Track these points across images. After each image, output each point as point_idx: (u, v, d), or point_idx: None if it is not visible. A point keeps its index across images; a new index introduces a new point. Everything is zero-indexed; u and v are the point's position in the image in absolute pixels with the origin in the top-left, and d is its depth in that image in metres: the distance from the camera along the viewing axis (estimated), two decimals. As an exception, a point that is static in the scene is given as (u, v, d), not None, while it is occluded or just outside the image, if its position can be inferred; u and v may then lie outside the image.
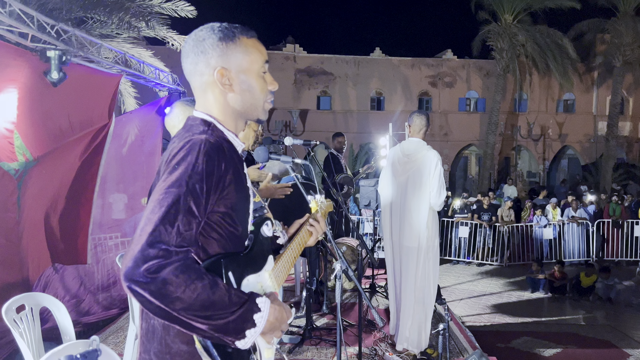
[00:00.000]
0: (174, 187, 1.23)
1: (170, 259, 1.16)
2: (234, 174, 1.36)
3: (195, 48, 1.41)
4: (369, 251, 3.85)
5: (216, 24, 1.43)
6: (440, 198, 4.06)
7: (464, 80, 24.13)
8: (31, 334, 2.66)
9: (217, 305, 1.20)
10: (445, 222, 12.30)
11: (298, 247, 1.72)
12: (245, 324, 1.26)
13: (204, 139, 1.31)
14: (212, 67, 1.41)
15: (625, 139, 23.74)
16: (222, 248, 1.36)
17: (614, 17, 20.91)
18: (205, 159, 1.28)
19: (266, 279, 1.46)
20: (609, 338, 7.04)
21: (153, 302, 1.15)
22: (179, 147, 1.31)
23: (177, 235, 1.20)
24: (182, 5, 8.13)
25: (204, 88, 1.44)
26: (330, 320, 5.06)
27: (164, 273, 1.15)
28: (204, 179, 1.26)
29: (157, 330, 1.36)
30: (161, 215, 1.20)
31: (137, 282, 1.14)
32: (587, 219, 12.40)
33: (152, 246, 1.16)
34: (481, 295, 9.21)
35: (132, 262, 1.15)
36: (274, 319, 1.34)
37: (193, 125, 1.41)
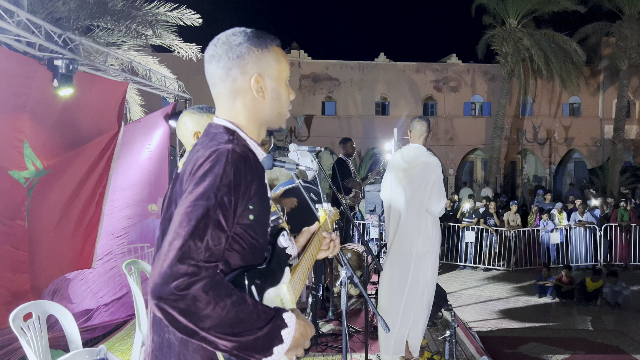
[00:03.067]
0: (202, 200, 1.19)
1: (200, 275, 1.12)
2: (258, 184, 1.31)
3: (230, 52, 1.36)
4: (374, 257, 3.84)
5: (248, 29, 1.40)
6: (439, 205, 4.04)
7: (469, 84, 24.10)
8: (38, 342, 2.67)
9: (246, 322, 1.16)
10: (452, 227, 12.26)
11: (311, 258, 1.67)
12: (273, 340, 1.22)
13: (230, 149, 1.26)
14: (248, 73, 1.37)
15: (632, 142, 23.60)
16: (243, 260, 1.32)
17: (619, 20, 20.85)
18: (233, 169, 1.23)
19: (284, 292, 1.42)
20: (617, 344, 6.97)
21: (181, 320, 1.11)
22: (205, 156, 1.26)
23: (205, 250, 1.16)
24: (188, 14, 8.20)
25: (234, 94, 1.39)
26: (336, 327, 5.05)
27: (193, 290, 1.10)
28: (232, 191, 1.22)
29: (174, 345, 1.31)
30: (190, 230, 1.15)
31: (166, 300, 1.10)
32: (595, 223, 12.32)
33: (182, 262, 1.12)
34: (488, 301, 9.16)
35: (160, 278, 1.11)
36: (299, 334, 1.30)
37: (217, 134, 1.35)
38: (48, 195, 4.50)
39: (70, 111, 4.69)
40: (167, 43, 8.66)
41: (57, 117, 4.57)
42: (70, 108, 4.66)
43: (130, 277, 3.71)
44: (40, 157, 4.33)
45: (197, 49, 8.81)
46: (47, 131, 4.44)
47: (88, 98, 4.93)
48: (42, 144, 4.35)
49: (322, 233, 1.77)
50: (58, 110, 4.54)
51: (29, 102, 4.19)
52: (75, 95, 4.50)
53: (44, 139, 4.39)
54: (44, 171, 4.36)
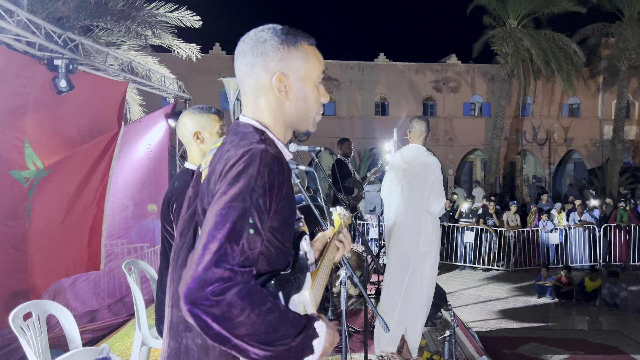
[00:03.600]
0: (238, 202, 1.14)
1: (235, 280, 1.07)
2: (288, 186, 1.27)
3: (255, 49, 1.32)
4: (374, 257, 3.84)
5: (278, 25, 1.36)
6: (438, 205, 4.04)
7: (469, 85, 24.12)
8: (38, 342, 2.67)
9: (280, 330, 1.12)
10: (451, 227, 12.27)
11: (330, 263, 1.63)
12: (305, 350, 1.17)
13: (263, 149, 1.22)
14: (271, 71, 1.32)
15: (632, 142, 23.63)
16: (269, 265, 1.27)
17: (619, 21, 20.87)
18: (267, 170, 1.19)
19: (307, 298, 1.37)
20: (616, 344, 6.98)
21: (214, 327, 1.06)
22: (237, 156, 1.20)
23: (241, 254, 1.11)
24: (188, 15, 8.20)
25: (258, 92, 1.35)
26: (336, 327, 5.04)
27: (229, 296, 1.06)
28: (267, 192, 1.18)
29: (193, 352, 1.27)
30: (226, 232, 1.11)
31: (200, 305, 1.05)
32: (594, 223, 12.33)
33: (218, 266, 1.07)
34: (487, 301, 9.17)
35: (195, 282, 1.06)
36: (328, 344, 1.25)
37: (247, 133, 1.31)
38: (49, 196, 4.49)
39: (71, 111, 4.69)
40: (167, 43, 8.66)
41: (58, 117, 4.57)
42: (70, 108, 4.66)
43: (130, 277, 3.71)
44: (41, 157, 4.32)
45: (197, 49, 8.81)
46: (48, 131, 4.44)
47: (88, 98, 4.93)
48: (43, 143, 4.35)
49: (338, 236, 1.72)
50: (59, 110, 4.54)
51: (30, 101, 4.19)
52: (75, 95, 4.50)
53: (45, 138, 4.39)
54: (44, 171, 4.35)
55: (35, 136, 4.26)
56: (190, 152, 2.59)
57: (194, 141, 2.54)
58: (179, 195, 2.34)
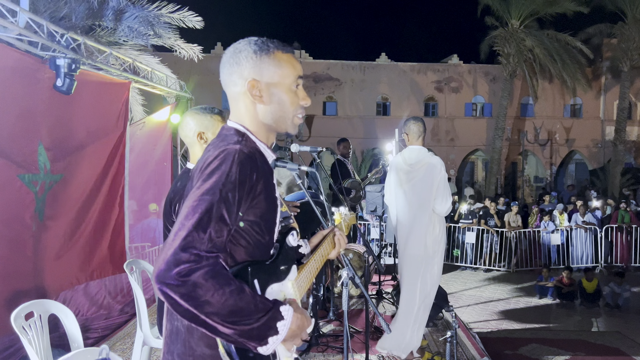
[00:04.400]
0: (208, 195, 1.28)
1: (201, 263, 1.20)
2: (264, 184, 1.40)
3: (232, 59, 1.47)
4: (375, 257, 3.84)
5: (254, 37, 1.50)
6: (446, 205, 4.05)
7: (470, 85, 24.10)
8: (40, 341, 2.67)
9: (244, 311, 1.24)
10: (452, 228, 12.26)
11: (321, 258, 1.74)
12: (268, 331, 1.29)
13: (238, 149, 1.36)
14: (245, 78, 1.47)
15: (634, 143, 23.59)
16: (249, 255, 1.41)
17: (621, 21, 20.84)
18: (239, 168, 1.33)
19: (289, 288, 1.49)
20: (618, 345, 6.97)
21: (182, 304, 1.19)
22: (214, 155, 1.36)
23: (208, 241, 1.24)
24: (190, 16, 8.20)
25: (237, 98, 1.50)
26: (337, 327, 5.05)
27: (194, 277, 1.18)
28: (237, 187, 1.31)
29: (181, 332, 1.40)
30: (195, 222, 1.24)
31: (168, 285, 1.18)
32: (595, 224, 12.32)
33: (185, 250, 1.20)
34: (489, 302, 9.16)
35: (164, 264, 1.19)
36: (295, 327, 1.37)
37: (227, 135, 1.46)
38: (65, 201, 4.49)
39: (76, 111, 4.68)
40: (169, 44, 8.66)
41: (66, 117, 4.56)
42: (76, 108, 4.66)
43: (132, 277, 3.71)
44: (52, 159, 4.31)
45: (199, 49, 8.81)
46: (59, 132, 4.43)
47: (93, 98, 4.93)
48: (54, 145, 4.34)
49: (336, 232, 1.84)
50: (65, 111, 4.53)
51: (41, 103, 4.18)
52: (81, 95, 4.50)
53: (57, 140, 4.37)
54: (52, 175, 4.33)
55: (49, 138, 4.25)
56: (193, 152, 2.59)
57: (197, 141, 2.54)
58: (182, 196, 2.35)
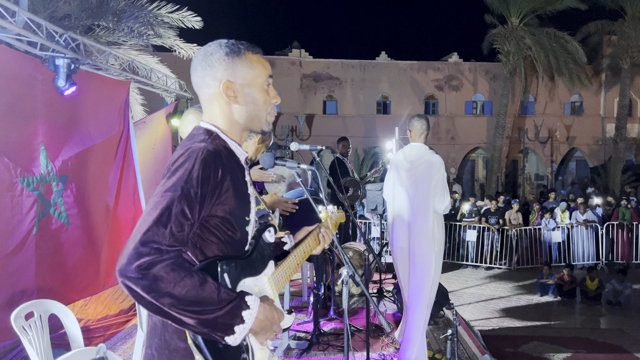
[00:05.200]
0: (170, 191, 1.32)
1: (162, 257, 1.23)
2: (232, 180, 1.43)
3: (204, 62, 1.50)
4: (376, 256, 3.83)
5: (223, 40, 1.53)
6: (444, 203, 4.05)
7: (471, 83, 24.08)
8: (40, 341, 2.67)
9: (206, 301, 1.26)
10: (453, 225, 12.25)
11: (302, 254, 1.76)
12: (234, 319, 1.31)
13: (202, 147, 1.40)
14: (219, 79, 1.49)
15: (634, 140, 23.56)
16: (221, 251, 1.43)
17: (621, 18, 20.80)
18: (202, 165, 1.36)
19: (264, 283, 1.52)
20: (619, 342, 6.97)
21: (145, 297, 1.22)
22: (179, 154, 1.40)
23: (170, 235, 1.27)
24: (189, 16, 8.20)
25: (211, 100, 1.52)
26: (338, 326, 5.04)
27: (154, 270, 1.22)
28: (200, 184, 1.34)
29: (157, 327, 1.43)
30: (155, 217, 1.28)
31: (129, 278, 1.21)
32: (596, 221, 12.31)
33: (145, 245, 1.23)
34: (490, 300, 9.16)
35: (125, 259, 1.23)
36: (263, 317, 1.38)
37: (196, 135, 1.50)
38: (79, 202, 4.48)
39: (77, 111, 4.67)
40: (169, 44, 8.66)
41: (67, 117, 4.53)
42: (76, 108, 4.64)
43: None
44: (53, 160, 4.30)
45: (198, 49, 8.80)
46: (60, 133, 4.40)
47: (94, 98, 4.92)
48: (56, 146, 4.32)
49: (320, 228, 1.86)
50: (66, 111, 4.51)
51: (41, 103, 4.16)
52: (81, 95, 4.49)
53: (58, 141, 4.35)
54: (56, 176, 4.31)
55: (50, 139, 4.22)
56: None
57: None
58: None
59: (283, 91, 23.39)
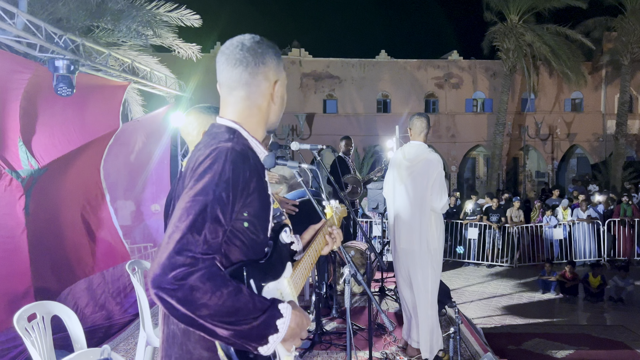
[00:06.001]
0: (201, 195, 1.25)
1: (197, 266, 1.18)
2: (257, 181, 1.37)
3: (257, 59, 1.44)
4: (377, 254, 3.83)
5: (262, 37, 1.49)
6: (441, 202, 4.03)
7: (471, 81, 24.06)
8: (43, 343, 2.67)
9: (242, 311, 1.22)
10: (454, 223, 12.25)
11: (315, 254, 1.72)
12: (268, 329, 1.27)
13: (230, 147, 1.33)
14: (270, 79, 1.47)
15: (635, 137, 23.54)
16: (244, 255, 1.38)
17: (620, 14, 20.77)
18: (231, 167, 1.30)
19: (285, 286, 1.47)
20: (621, 339, 6.96)
21: (179, 309, 1.16)
22: (205, 154, 1.33)
23: (203, 243, 1.21)
24: (188, 15, 8.19)
25: (254, 98, 1.46)
26: (340, 325, 5.04)
27: (190, 280, 1.16)
28: (231, 187, 1.28)
29: (177, 336, 1.38)
30: (189, 224, 1.21)
31: (164, 289, 1.15)
32: (598, 218, 12.29)
33: (180, 254, 1.18)
34: (491, 297, 9.15)
35: (159, 269, 1.16)
36: (295, 325, 1.35)
37: (218, 133, 1.42)
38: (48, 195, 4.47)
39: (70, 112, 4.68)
40: (167, 43, 8.65)
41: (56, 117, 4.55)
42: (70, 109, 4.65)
43: (134, 277, 3.71)
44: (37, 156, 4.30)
45: (197, 49, 8.80)
46: (44, 131, 4.41)
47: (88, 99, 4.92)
48: (40, 143, 4.32)
49: (327, 229, 1.81)
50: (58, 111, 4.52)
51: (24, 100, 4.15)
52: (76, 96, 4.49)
53: (43, 138, 4.36)
54: (39, 170, 4.32)
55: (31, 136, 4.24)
56: (195, 151, 2.58)
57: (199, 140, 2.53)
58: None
59: (283, 90, 23.38)
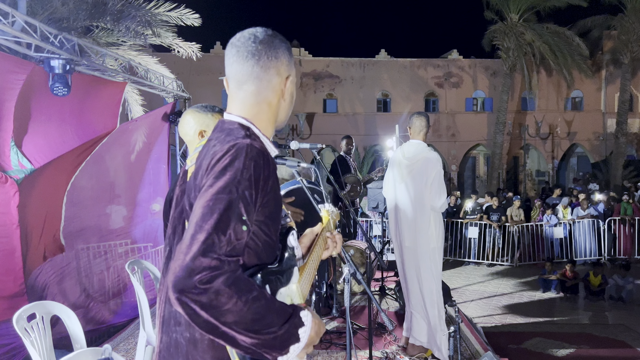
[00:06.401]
0: (224, 194, 1.17)
1: (223, 269, 1.11)
2: (274, 181, 1.31)
3: (270, 53, 1.38)
4: (377, 254, 3.83)
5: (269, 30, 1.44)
6: (440, 200, 4.03)
7: (471, 80, 24.04)
8: (42, 342, 2.67)
9: (266, 318, 1.15)
10: (455, 223, 12.24)
11: (317, 259, 1.68)
12: (290, 339, 1.21)
13: (249, 143, 1.26)
14: (282, 75, 1.41)
15: (635, 135, 23.51)
16: (258, 258, 1.31)
17: (621, 13, 20.75)
18: (252, 164, 1.23)
19: (294, 292, 1.42)
20: (622, 338, 6.96)
21: (202, 314, 1.09)
22: (224, 150, 1.25)
23: (228, 244, 1.14)
24: (187, 14, 8.19)
25: (265, 93, 1.40)
26: (340, 324, 5.04)
27: (216, 284, 1.09)
28: (253, 185, 1.22)
29: (182, 345, 1.30)
30: (214, 223, 1.14)
31: (188, 294, 1.08)
32: (598, 217, 12.28)
33: (205, 255, 1.10)
34: (492, 296, 9.15)
35: (183, 271, 1.09)
36: (314, 333, 1.29)
37: (233, 129, 1.35)
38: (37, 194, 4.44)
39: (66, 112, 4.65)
40: (167, 43, 8.65)
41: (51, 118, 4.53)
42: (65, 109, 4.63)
43: (134, 277, 3.71)
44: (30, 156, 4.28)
45: (197, 48, 8.80)
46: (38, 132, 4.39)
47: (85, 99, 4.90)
48: (33, 143, 4.31)
49: (326, 233, 1.75)
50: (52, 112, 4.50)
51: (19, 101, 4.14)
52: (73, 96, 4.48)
53: (37, 139, 4.35)
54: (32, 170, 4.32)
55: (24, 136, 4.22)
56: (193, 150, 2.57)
57: (197, 140, 2.52)
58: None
59: (283, 90, 23.37)
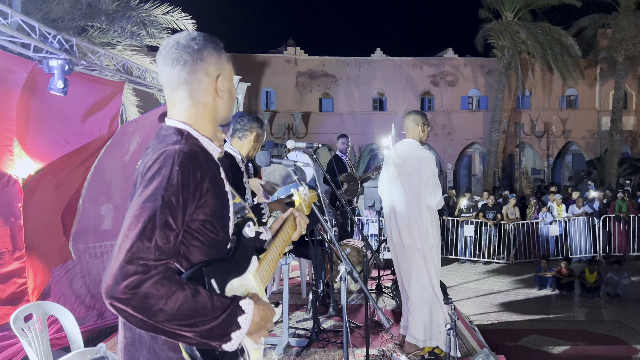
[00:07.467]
0: (150, 202, 1.24)
1: (150, 273, 1.18)
2: (210, 181, 1.36)
3: (194, 56, 1.41)
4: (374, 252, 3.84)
5: (200, 33, 1.47)
6: (435, 198, 4.04)
7: (466, 78, 24.11)
8: (39, 343, 2.67)
9: (200, 312, 1.22)
10: (451, 221, 12.28)
11: (282, 243, 1.72)
12: (230, 327, 1.28)
13: (177, 150, 1.31)
14: (212, 74, 1.44)
15: (630, 133, 23.63)
16: (205, 255, 1.37)
17: (615, 11, 20.85)
18: (180, 170, 1.28)
19: (250, 281, 1.47)
20: (617, 334, 7.00)
21: (136, 316, 1.17)
22: (153, 159, 1.30)
23: (155, 249, 1.21)
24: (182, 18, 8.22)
25: (198, 95, 1.44)
26: (337, 322, 5.05)
27: (144, 288, 1.16)
28: (180, 190, 1.27)
29: (144, 339, 1.36)
30: (138, 232, 1.20)
31: (118, 299, 1.16)
32: (593, 214, 12.34)
33: (131, 262, 1.17)
34: (488, 294, 9.18)
35: (111, 279, 1.16)
36: (259, 319, 1.37)
37: (166, 136, 1.39)
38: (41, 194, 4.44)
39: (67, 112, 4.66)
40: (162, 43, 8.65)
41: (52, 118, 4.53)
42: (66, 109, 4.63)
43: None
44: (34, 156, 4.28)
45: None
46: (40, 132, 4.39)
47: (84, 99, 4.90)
48: (35, 143, 4.31)
49: (295, 213, 1.81)
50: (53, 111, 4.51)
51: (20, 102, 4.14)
52: (71, 96, 4.48)
53: (39, 139, 4.35)
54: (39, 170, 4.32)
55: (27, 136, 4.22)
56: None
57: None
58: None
59: (279, 89, 23.36)
